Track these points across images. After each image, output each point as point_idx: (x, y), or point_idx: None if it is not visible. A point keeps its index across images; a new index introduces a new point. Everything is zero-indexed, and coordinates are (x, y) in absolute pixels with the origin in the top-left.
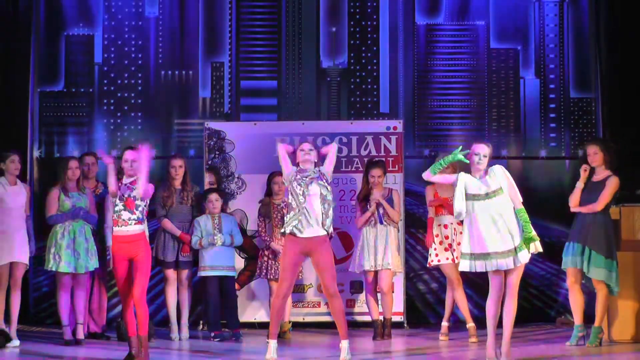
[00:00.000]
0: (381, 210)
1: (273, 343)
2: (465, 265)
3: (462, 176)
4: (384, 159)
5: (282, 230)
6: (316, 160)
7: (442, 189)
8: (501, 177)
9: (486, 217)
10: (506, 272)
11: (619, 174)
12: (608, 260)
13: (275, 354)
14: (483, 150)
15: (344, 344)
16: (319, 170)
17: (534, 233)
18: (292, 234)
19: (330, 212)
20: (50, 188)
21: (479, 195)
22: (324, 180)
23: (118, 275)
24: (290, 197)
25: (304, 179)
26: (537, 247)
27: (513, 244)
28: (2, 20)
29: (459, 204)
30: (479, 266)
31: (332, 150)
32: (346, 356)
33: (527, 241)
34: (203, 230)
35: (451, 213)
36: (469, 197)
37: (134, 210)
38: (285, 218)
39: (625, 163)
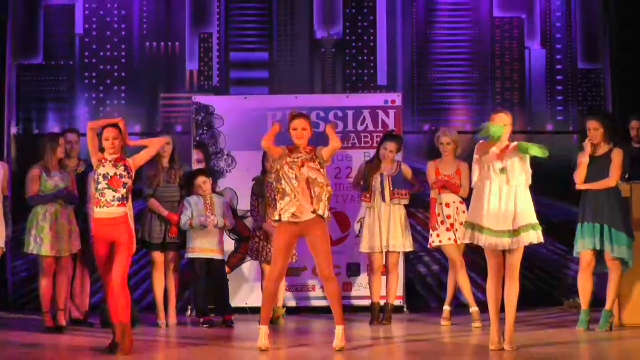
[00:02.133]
0: (386, 187)
1: (265, 329)
2: (464, 235)
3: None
4: (400, 135)
5: (277, 218)
6: (309, 137)
7: (443, 166)
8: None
9: (496, 190)
10: (505, 253)
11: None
12: (629, 237)
13: (267, 341)
14: (502, 119)
15: (338, 330)
16: (313, 150)
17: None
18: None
19: (324, 195)
20: (31, 167)
21: (495, 167)
22: (317, 163)
23: (99, 260)
24: (283, 182)
25: (295, 160)
26: (538, 236)
27: (513, 225)
28: None
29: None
30: (477, 238)
31: (335, 143)
32: (339, 342)
33: (527, 148)
34: (194, 210)
35: (454, 192)
36: (486, 165)
37: (119, 189)
38: (278, 204)
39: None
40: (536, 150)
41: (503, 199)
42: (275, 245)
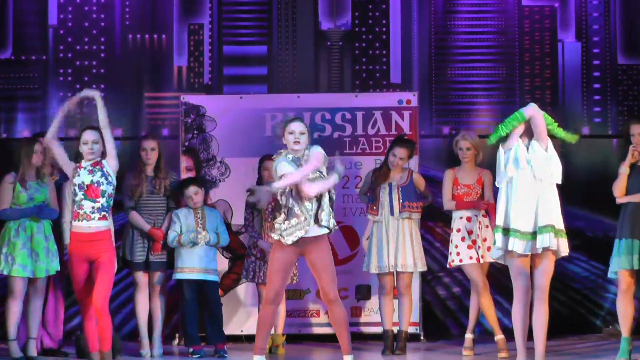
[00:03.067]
0: (395, 199)
1: (259, 359)
2: (498, 240)
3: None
4: (412, 140)
5: (276, 238)
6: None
7: (463, 175)
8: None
9: (524, 187)
10: (532, 272)
11: None
12: None
13: None
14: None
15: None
16: (310, 155)
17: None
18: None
19: (327, 205)
20: (3, 177)
21: (520, 162)
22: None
23: (76, 280)
24: (291, 200)
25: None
26: (559, 244)
27: (534, 226)
28: None
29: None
30: (511, 244)
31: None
32: None
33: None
34: (183, 225)
35: (475, 207)
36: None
37: (98, 199)
38: (282, 224)
39: None
40: (563, 134)
41: (528, 195)
42: (273, 263)
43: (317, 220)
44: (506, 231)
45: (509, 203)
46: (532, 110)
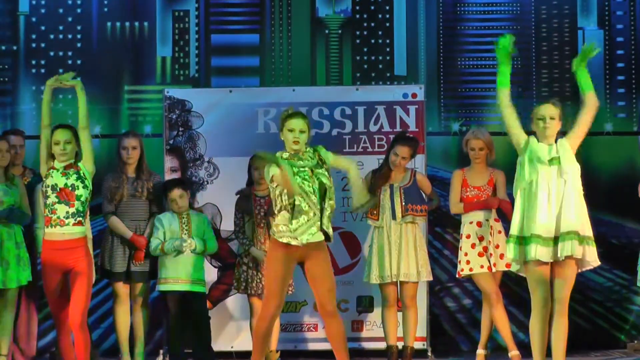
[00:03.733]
0: (397, 202)
1: None
2: (510, 251)
3: (531, 140)
4: (416, 137)
5: (284, 240)
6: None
7: (473, 175)
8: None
9: (544, 187)
10: (552, 283)
11: None
12: None
13: None
14: (549, 111)
15: None
16: (315, 151)
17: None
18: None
19: (330, 209)
20: None
21: (542, 159)
22: (324, 168)
23: (50, 292)
24: (297, 197)
25: (302, 169)
26: (587, 253)
27: (556, 232)
28: None
29: (527, 171)
30: (533, 252)
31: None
32: None
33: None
34: (167, 232)
35: (486, 207)
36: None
37: (72, 202)
38: (291, 224)
39: None
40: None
41: (552, 198)
42: (270, 274)
43: (321, 224)
44: (520, 240)
45: (526, 209)
46: None
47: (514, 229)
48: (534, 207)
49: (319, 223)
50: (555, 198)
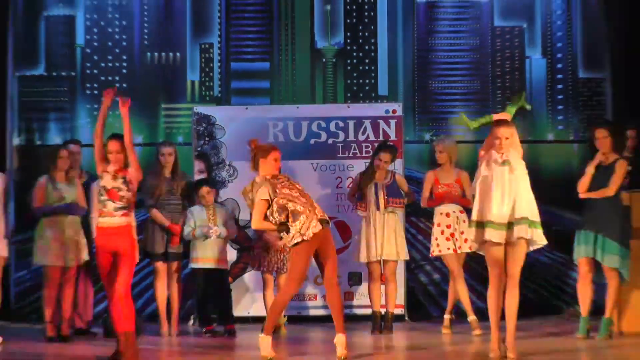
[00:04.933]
0: (381, 196)
1: (270, 339)
2: (470, 233)
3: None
4: (395, 145)
5: (299, 240)
6: None
7: (443, 175)
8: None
9: (498, 182)
10: (506, 261)
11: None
12: (622, 247)
13: (272, 350)
14: (504, 132)
15: (341, 338)
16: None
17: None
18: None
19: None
20: (37, 178)
21: (497, 161)
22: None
23: (102, 269)
24: (290, 204)
25: (285, 182)
26: (534, 235)
27: (509, 218)
28: None
29: (484, 167)
30: (487, 234)
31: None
32: (343, 351)
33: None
34: (197, 221)
35: (452, 201)
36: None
37: (117, 201)
38: (293, 227)
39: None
40: (518, 104)
41: (506, 190)
42: (300, 267)
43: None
44: (480, 224)
45: (483, 200)
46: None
47: (474, 215)
48: (489, 198)
49: (314, 215)
50: (507, 191)
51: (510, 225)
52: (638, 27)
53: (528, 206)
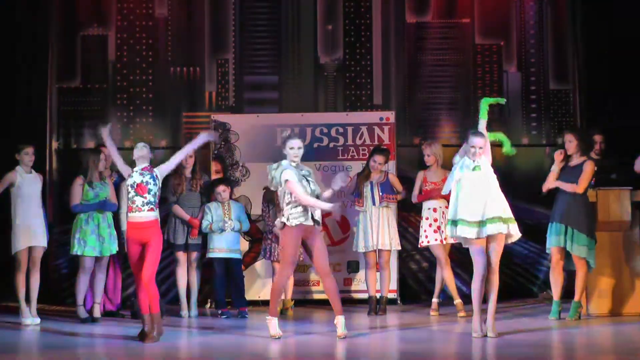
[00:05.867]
0: (376, 193)
1: (275, 320)
2: (449, 231)
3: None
4: (388, 148)
5: (287, 222)
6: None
7: (431, 175)
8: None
9: (469, 185)
10: (489, 252)
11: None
12: (589, 238)
13: (279, 329)
14: (479, 142)
15: (340, 319)
16: (305, 167)
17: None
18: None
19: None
20: (75, 178)
21: (469, 168)
22: (313, 178)
23: (131, 258)
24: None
25: (302, 176)
26: (510, 229)
27: (482, 216)
28: (22, 25)
29: (457, 173)
30: (457, 231)
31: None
32: (342, 331)
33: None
34: (214, 215)
35: (436, 196)
36: (462, 168)
37: (146, 195)
38: (290, 210)
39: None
40: (507, 148)
41: (477, 192)
42: (288, 250)
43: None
44: (454, 222)
45: (457, 200)
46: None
47: (450, 215)
48: (462, 199)
49: (307, 211)
50: (479, 192)
51: (483, 224)
52: (600, 43)
53: (499, 205)
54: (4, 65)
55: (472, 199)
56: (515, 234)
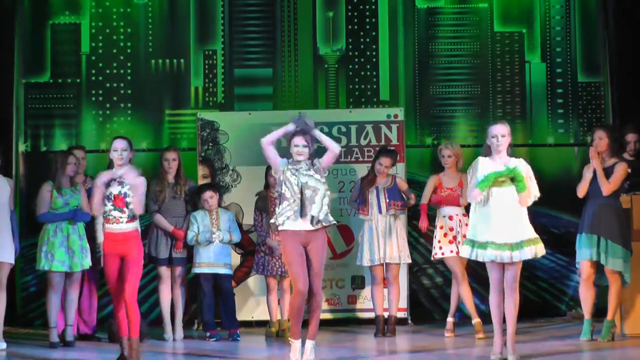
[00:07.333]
0: (382, 199)
1: (297, 343)
2: (466, 252)
3: (482, 160)
4: (396, 150)
5: (273, 221)
6: (311, 154)
7: (446, 179)
8: (524, 171)
9: (499, 204)
10: (504, 267)
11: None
12: (625, 250)
13: (299, 355)
14: (501, 130)
15: (310, 344)
16: (312, 163)
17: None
18: (285, 228)
19: (325, 206)
20: (42, 184)
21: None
22: (319, 174)
23: (109, 274)
24: (283, 187)
25: (297, 170)
26: (537, 252)
27: (517, 238)
28: None
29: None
30: (480, 255)
31: (334, 150)
32: (308, 357)
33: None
34: (200, 226)
35: (454, 204)
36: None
37: (124, 209)
38: (277, 209)
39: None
40: (521, 186)
41: (504, 214)
42: (288, 259)
43: (317, 220)
44: (472, 243)
45: (480, 219)
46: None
47: (469, 233)
48: (488, 219)
49: (296, 208)
50: (503, 213)
51: (518, 246)
52: (634, 31)
53: (526, 227)
54: None
55: (500, 220)
56: (540, 251)
